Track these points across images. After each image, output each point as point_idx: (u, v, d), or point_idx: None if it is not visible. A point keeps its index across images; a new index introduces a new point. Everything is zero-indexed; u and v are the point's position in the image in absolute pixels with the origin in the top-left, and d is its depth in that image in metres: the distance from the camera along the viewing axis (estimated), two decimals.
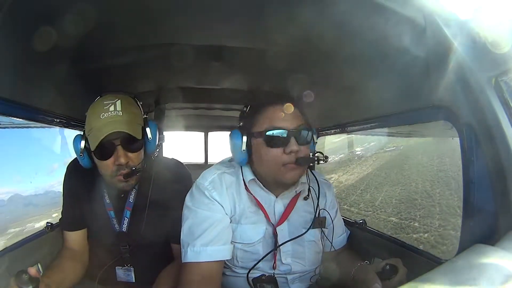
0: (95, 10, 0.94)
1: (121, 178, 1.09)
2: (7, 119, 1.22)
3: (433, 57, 0.89)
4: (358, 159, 7.78)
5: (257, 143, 1.05)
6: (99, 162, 1.10)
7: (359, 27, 0.94)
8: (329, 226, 1.20)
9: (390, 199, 6.72)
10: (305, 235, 1.14)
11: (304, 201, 1.16)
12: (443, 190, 5.77)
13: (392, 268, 0.91)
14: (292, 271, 1.13)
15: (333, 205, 1.25)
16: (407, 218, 6.14)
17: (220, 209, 1.07)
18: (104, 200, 1.23)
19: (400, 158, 7.01)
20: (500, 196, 0.78)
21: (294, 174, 1.03)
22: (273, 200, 1.13)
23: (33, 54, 1.04)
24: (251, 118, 1.07)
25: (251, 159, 1.08)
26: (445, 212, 5.55)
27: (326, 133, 1.89)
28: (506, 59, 0.73)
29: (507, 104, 0.76)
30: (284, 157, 1.01)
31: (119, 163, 1.07)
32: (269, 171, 1.06)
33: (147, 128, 1.14)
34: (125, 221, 1.22)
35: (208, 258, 1.00)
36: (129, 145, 1.08)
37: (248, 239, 1.10)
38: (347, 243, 1.29)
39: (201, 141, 3.36)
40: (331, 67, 1.35)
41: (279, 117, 1.03)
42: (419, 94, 1.02)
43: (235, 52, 1.33)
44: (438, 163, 6.04)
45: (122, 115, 1.07)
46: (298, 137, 1.02)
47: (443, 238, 5.34)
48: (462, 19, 0.79)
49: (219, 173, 1.12)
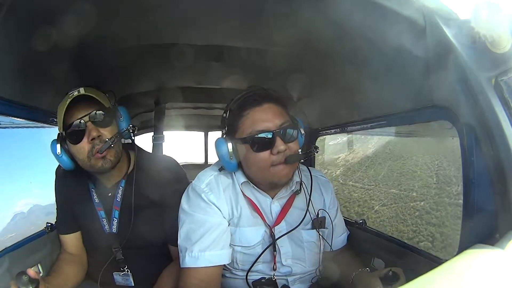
0: (95, 10, 0.94)
1: (98, 155, 1.07)
2: (7, 119, 1.22)
3: (433, 57, 0.89)
4: (365, 137, 7.95)
5: (243, 149, 1.02)
6: (74, 148, 1.08)
7: (359, 27, 0.94)
8: (329, 226, 1.18)
9: (392, 173, 7.16)
10: (304, 236, 1.13)
11: (301, 199, 1.14)
12: (441, 161, 6.00)
13: (395, 275, 0.92)
14: (292, 273, 1.12)
15: (333, 203, 1.23)
16: (406, 189, 6.64)
17: (217, 213, 1.05)
18: (93, 200, 1.22)
19: (413, 130, 7.21)
20: (500, 196, 0.78)
21: (285, 173, 1.01)
22: (269, 201, 1.11)
23: (33, 54, 1.04)
24: (233, 124, 1.04)
25: (241, 164, 1.06)
26: (441, 181, 5.85)
27: (326, 133, 1.89)
28: (506, 59, 0.73)
29: (507, 104, 0.76)
30: (272, 158, 0.98)
31: (92, 137, 1.06)
32: (259, 174, 1.04)
33: (118, 111, 1.16)
34: (115, 222, 1.21)
35: (207, 264, 0.99)
36: (99, 121, 1.08)
37: (247, 242, 1.08)
38: (347, 243, 1.27)
39: (201, 141, 3.37)
40: (331, 67, 1.35)
41: (261, 119, 0.99)
42: (419, 94, 1.02)
43: (235, 52, 1.33)
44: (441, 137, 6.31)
45: (85, 91, 1.08)
46: (284, 135, 0.99)
47: (437, 204, 5.87)
48: (462, 19, 0.79)
49: (215, 175, 1.09)
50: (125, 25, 1.09)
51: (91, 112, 1.07)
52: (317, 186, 1.20)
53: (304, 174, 1.15)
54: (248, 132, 1.00)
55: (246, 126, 1.01)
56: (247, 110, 1.01)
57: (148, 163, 1.24)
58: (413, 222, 6.27)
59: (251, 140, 0.99)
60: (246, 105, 1.02)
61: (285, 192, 1.11)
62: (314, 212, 1.14)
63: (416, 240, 5.97)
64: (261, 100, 1.01)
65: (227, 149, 1.03)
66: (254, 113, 1.00)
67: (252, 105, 1.01)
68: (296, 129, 1.03)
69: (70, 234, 1.26)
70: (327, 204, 1.21)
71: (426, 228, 6.00)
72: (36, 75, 1.14)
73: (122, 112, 1.18)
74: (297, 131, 1.03)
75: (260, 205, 1.11)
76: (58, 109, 1.09)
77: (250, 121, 1.00)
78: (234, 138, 1.03)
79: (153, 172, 1.20)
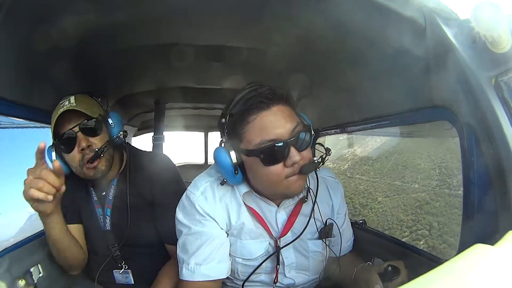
0: (95, 10, 0.94)
1: (89, 165, 1.11)
2: (7, 119, 1.22)
3: (433, 57, 0.89)
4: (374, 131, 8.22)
5: (250, 162, 0.89)
6: (66, 157, 1.12)
7: (359, 27, 0.94)
8: (336, 233, 1.10)
9: (397, 166, 7.42)
10: (310, 246, 1.06)
11: (308, 206, 1.03)
12: (444, 154, 6.16)
13: (394, 269, 0.90)
14: (295, 284, 1.06)
15: (342, 208, 1.14)
16: (409, 181, 6.89)
17: (213, 224, 0.97)
18: (92, 197, 1.26)
19: (417, 129, 7.69)
20: (500, 196, 0.77)
21: (299, 185, 0.90)
22: (274, 210, 1.01)
23: (33, 54, 1.04)
24: (236, 132, 0.89)
25: (245, 176, 0.94)
26: (443, 173, 6.07)
27: (326, 133, 1.89)
28: (506, 59, 0.73)
29: (507, 104, 0.76)
30: (286, 170, 0.86)
31: (82, 148, 1.10)
32: (270, 189, 0.93)
33: (109, 117, 1.19)
34: (107, 219, 1.24)
35: (203, 278, 0.93)
36: (88, 131, 1.12)
37: (249, 255, 1.01)
38: None
39: (201, 141, 3.37)
40: (331, 67, 1.35)
41: (271, 126, 0.85)
42: (419, 94, 1.02)
43: (235, 52, 1.33)
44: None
45: (75, 104, 1.10)
46: (297, 143, 0.86)
47: (437, 195, 6.13)
48: (462, 19, 0.79)
49: (211, 181, 1.00)
50: (125, 25, 1.09)
51: (81, 122, 1.10)
52: (325, 189, 1.11)
53: (311, 176, 1.05)
54: (257, 142, 0.85)
55: (253, 135, 0.86)
56: (253, 115, 0.86)
57: (139, 161, 1.26)
58: (413, 212, 6.45)
59: (260, 152, 0.85)
60: (251, 109, 0.86)
61: (292, 200, 1.02)
62: (322, 220, 1.06)
63: (415, 228, 6.20)
64: (268, 102, 0.86)
65: (230, 162, 0.90)
66: (261, 118, 0.85)
67: (258, 109, 0.86)
68: (308, 131, 0.90)
69: (71, 225, 1.26)
70: (336, 208, 1.12)
71: (425, 218, 6.19)
72: (35, 75, 1.14)
73: (114, 118, 1.20)
74: (309, 134, 0.90)
75: (264, 215, 1.02)
76: (51, 119, 1.12)
77: (258, 129, 0.86)
78: (239, 149, 0.90)
79: (144, 170, 1.23)
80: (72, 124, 1.10)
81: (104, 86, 1.26)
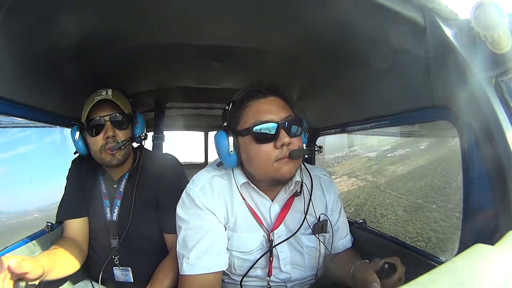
0: (95, 10, 0.94)
1: (109, 151, 1.20)
2: (7, 119, 1.23)
3: (433, 57, 0.89)
4: (417, 146, 8.92)
5: (244, 142, 0.98)
6: (90, 139, 1.22)
7: (359, 27, 0.94)
8: (330, 229, 1.14)
9: (425, 186, 7.80)
10: (303, 241, 1.09)
11: (301, 202, 1.09)
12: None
13: (391, 266, 0.90)
14: (291, 279, 1.09)
15: (336, 204, 1.18)
16: (429, 201, 7.25)
17: (212, 218, 1.02)
18: (101, 189, 1.32)
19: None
20: (500, 196, 0.78)
21: (288, 168, 0.96)
22: (268, 204, 1.07)
23: (33, 54, 1.04)
24: (235, 116, 1.00)
25: (241, 160, 1.02)
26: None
27: (326, 133, 1.89)
28: (506, 59, 0.73)
29: (507, 104, 0.76)
30: (276, 151, 0.94)
31: (107, 136, 1.20)
32: (261, 170, 0.98)
33: (136, 117, 1.30)
34: (115, 210, 1.29)
35: (203, 271, 0.97)
36: (117, 123, 1.23)
37: (244, 247, 1.05)
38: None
39: (201, 141, 3.37)
40: (331, 67, 1.35)
41: (265, 111, 0.96)
42: (419, 94, 1.02)
43: (235, 52, 1.33)
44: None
45: (112, 96, 1.22)
46: (288, 128, 0.95)
47: (447, 217, 6.44)
48: (462, 19, 0.79)
49: (209, 178, 1.06)
50: (125, 25, 1.09)
51: (112, 114, 1.22)
52: (318, 186, 1.16)
53: (304, 174, 1.10)
54: (252, 122, 0.96)
55: (249, 116, 0.97)
56: (251, 101, 0.98)
57: (150, 160, 1.35)
58: (420, 227, 6.82)
59: (254, 130, 0.94)
60: (250, 96, 0.99)
61: (284, 194, 1.07)
62: (315, 216, 1.11)
63: (415, 239, 6.48)
64: (266, 92, 0.99)
65: (227, 141, 0.99)
66: (258, 104, 0.98)
67: (257, 97, 0.99)
68: (301, 126, 1.00)
69: (75, 219, 1.30)
70: (330, 205, 1.17)
71: (427, 232, 6.55)
72: (35, 75, 1.14)
73: (139, 119, 1.31)
74: (301, 128, 1.00)
75: (258, 208, 1.07)
76: (85, 103, 1.23)
77: (254, 112, 0.97)
78: (236, 131, 0.99)
79: (154, 168, 1.31)
80: (105, 112, 1.21)
81: (104, 85, 1.26)
